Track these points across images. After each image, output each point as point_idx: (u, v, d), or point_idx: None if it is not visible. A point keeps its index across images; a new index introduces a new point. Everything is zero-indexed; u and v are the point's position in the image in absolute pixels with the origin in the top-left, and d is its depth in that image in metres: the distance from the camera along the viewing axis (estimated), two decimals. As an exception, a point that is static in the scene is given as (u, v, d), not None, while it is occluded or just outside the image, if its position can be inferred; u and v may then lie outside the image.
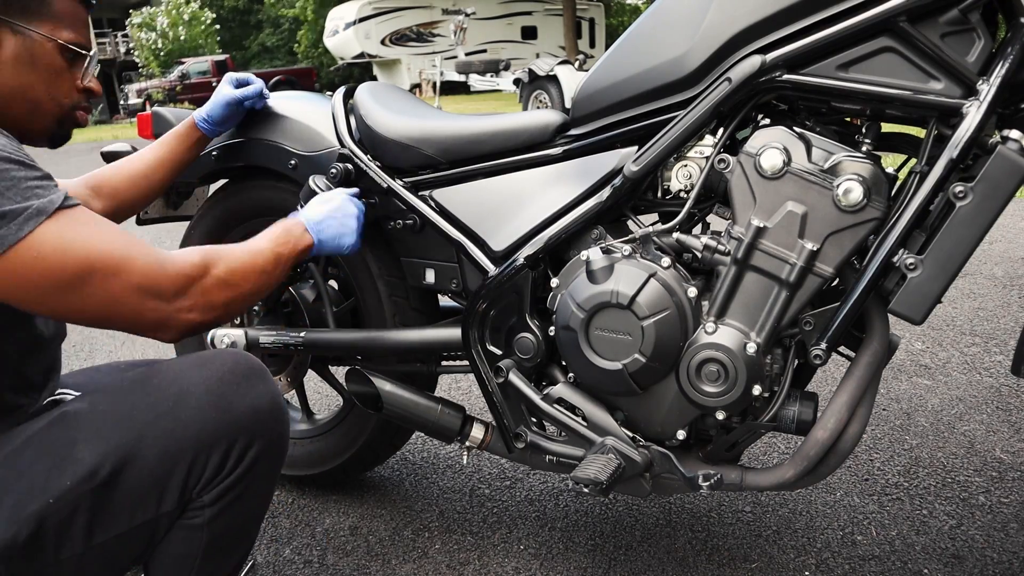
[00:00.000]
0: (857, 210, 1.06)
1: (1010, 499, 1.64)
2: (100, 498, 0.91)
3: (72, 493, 0.90)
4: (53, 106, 1.04)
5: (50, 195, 0.88)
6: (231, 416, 0.96)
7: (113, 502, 0.92)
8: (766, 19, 1.08)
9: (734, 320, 1.14)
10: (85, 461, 0.91)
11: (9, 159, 0.87)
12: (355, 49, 20.66)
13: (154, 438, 0.93)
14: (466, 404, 2.19)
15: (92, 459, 0.91)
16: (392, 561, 1.53)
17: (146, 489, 0.94)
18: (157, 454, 0.93)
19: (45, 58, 1.01)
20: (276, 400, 1.02)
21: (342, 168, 1.40)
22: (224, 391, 0.97)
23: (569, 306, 1.19)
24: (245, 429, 0.97)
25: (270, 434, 1.01)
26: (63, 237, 0.88)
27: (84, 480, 0.90)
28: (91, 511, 0.91)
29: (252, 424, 0.98)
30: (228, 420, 0.96)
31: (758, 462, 1.83)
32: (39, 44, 1.00)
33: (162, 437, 0.93)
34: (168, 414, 0.94)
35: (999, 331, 2.57)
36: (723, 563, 1.48)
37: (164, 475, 0.94)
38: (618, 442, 1.23)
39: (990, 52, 1.02)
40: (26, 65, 0.99)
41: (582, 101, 1.26)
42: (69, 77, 1.05)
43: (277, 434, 1.02)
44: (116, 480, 0.92)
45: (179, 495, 0.96)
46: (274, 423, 1.01)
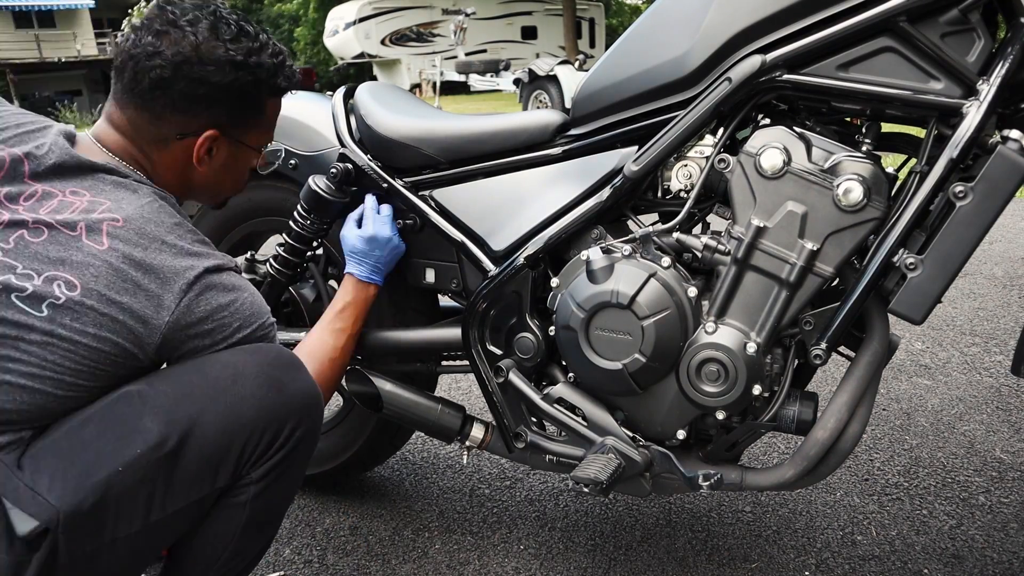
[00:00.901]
0: (857, 210, 1.06)
1: (1010, 499, 1.64)
2: (166, 469, 0.94)
3: (141, 461, 0.92)
4: (231, 192, 1.20)
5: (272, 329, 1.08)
6: (284, 398, 1.01)
7: (176, 475, 0.95)
8: (766, 19, 1.08)
9: (734, 320, 1.14)
10: (153, 431, 0.93)
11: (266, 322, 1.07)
12: (355, 49, 20.65)
13: (215, 413, 0.96)
14: (466, 404, 2.19)
15: (160, 428, 0.93)
16: (392, 561, 1.53)
17: (206, 463, 0.96)
18: (218, 429, 0.96)
19: (245, 162, 1.15)
20: (315, 388, 1.07)
21: (342, 168, 1.40)
22: (277, 374, 1.01)
23: (569, 306, 1.19)
24: (296, 411, 1.02)
25: (314, 418, 1.06)
26: None
27: (153, 448, 0.92)
28: (153, 483, 0.94)
29: (301, 407, 1.03)
30: (282, 401, 1.00)
31: (758, 462, 1.83)
32: (244, 152, 1.14)
33: (223, 412, 0.97)
34: (227, 392, 0.98)
35: (999, 331, 2.57)
36: (723, 563, 1.48)
37: (223, 449, 0.97)
38: (618, 442, 1.23)
39: (990, 52, 1.02)
40: (229, 169, 1.13)
41: (582, 101, 1.26)
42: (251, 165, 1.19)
43: (318, 417, 1.07)
44: (182, 451, 0.94)
45: (233, 470, 0.99)
46: (316, 409, 1.07)
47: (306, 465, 1.11)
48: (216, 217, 1.69)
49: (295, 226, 1.44)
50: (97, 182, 0.99)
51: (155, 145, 1.06)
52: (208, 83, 1.02)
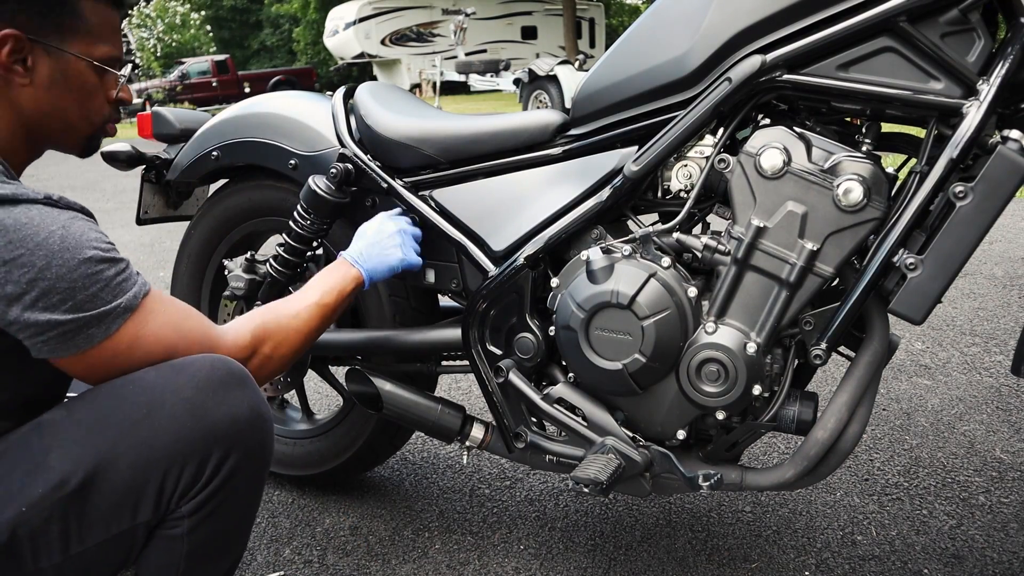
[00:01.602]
0: (857, 210, 1.06)
1: (1010, 499, 1.64)
2: (73, 507, 0.90)
3: (44, 501, 0.89)
4: (85, 125, 1.05)
5: (132, 289, 0.94)
6: (206, 425, 0.94)
7: (86, 512, 0.91)
8: (766, 19, 1.08)
9: (734, 320, 1.14)
10: (56, 469, 0.89)
11: (101, 259, 0.91)
12: (355, 49, 20.65)
13: (127, 448, 0.91)
14: (466, 404, 2.19)
15: (64, 467, 0.89)
16: (392, 561, 1.53)
17: (120, 499, 0.92)
18: (130, 464, 0.91)
19: (78, 78, 1.00)
20: (256, 408, 0.98)
21: (342, 168, 1.40)
22: (199, 399, 0.94)
23: (569, 306, 1.19)
24: (221, 439, 0.95)
25: (249, 444, 0.98)
26: (139, 333, 0.94)
27: (55, 488, 0.89)
28: (64, 520, 0.90)
29: (229, 434, 0.95)
30: (203, 429, 0.93)
31: (758, 462, 1.83)
32: (72, 64, 0.99)
33: (135, 447, 0.91)
34: (142, 423, 0.92)
35: (999, 331, 2.57)
36: (723, 563, 1.48)
37: (138, 485, 0.92)
38: (618, 442, 1.23)
39: (990, 52, 1.02)
40: (59, 86, 0.99)
41: (582, 101, 1.26)
42: (101, 91, 1.04)
43: (257, 443, 0.99)
44: (88, 490, 0.90)
45: (155, 505, 0.94)
46: (253, 432, 0.98)
47: (258, 488, 1.04)
48: (216, 217, 1.69)
49: (295, 226, 1.44)
50: None
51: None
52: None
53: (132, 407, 0.93)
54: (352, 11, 20.37)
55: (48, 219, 0.89)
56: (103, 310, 0.90)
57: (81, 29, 0.99)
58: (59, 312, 0.87)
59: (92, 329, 0.90)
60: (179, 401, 0.93)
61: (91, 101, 1.03)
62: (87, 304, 0.89)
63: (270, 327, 1.09)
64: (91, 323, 0.90)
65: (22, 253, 0.86)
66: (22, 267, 0.85)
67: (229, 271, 1.55)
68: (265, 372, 1.09)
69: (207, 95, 20.42)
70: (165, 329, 0.97)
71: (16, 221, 0.86)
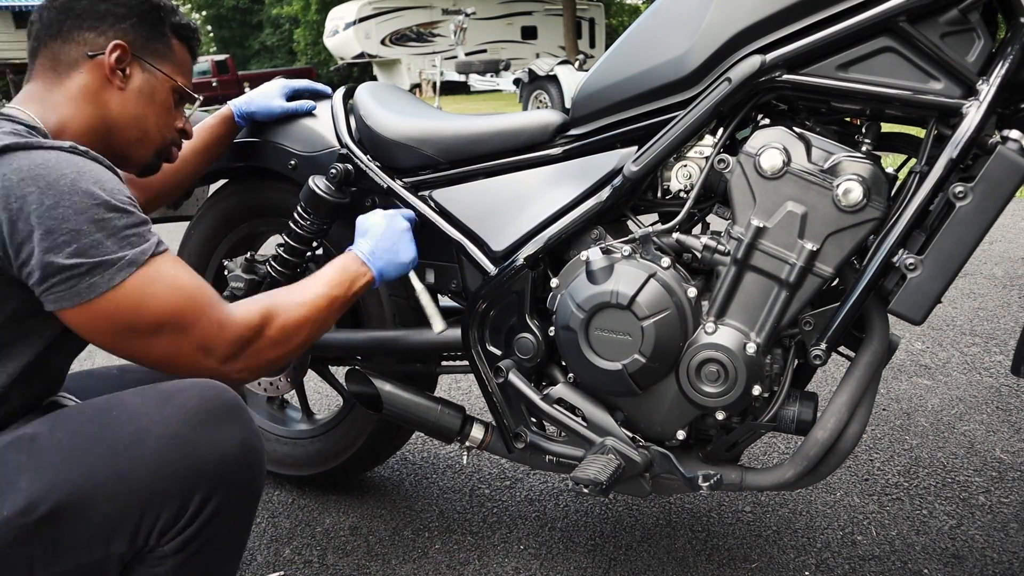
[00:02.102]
0: (857, 210, 1.06)
1: (1010, 499, 1.64)
2: (40, 534, 0.87)
3: (8, 524, 0.86)
4: (158, 137, 1.16)
5: (143, 244, 0.94)
6: (191, 463, 0.91)
7: (55, 539, 0.88)
8: (766, 19, 1.08)
9: (734, 320, 1.14)
10: (24, 493, 0.87)
11: (113, 207, 0.92)
12: (355, 49, 20.64)
13: (104, 479, 0.88)
14: (466, 404, 2.19)
15: (32, 493, 0.87)
16: (392, 561, 1.53)
17: (93, 531, 0.89)
18: (106, 497, 0.88)
19: (162, 95, 1.15)
20: (247, 443, 0.96)
21: (342, 168, 1.40)
22: (186, 433, 0.91)
23: (569, 306, 1.19)
24: (206, 478, 0.91)
25: (236, 483, 0.95)
26: (144, 292, 0.93)
27: (20, 514, 0.86)
28: (29, 545, 0.87)
29: (215, 473, 0.92)
30: (187, 467, 0.90)
31: (758, 462, 1.83)
32: (161, 82, 1.14)
33: (113, 478, 0.88)
34: (123, 454, 0.89)
35: (999, 331, 2.57)
36: (723, 563, 1.48)
37: (113, 519, 0.89)
38: (618, 442, 1.23)
39: (990, 52, 1.02)
40: (147, 98, 1.12)
41: (582, 101, 1.26)
42: (174, 116, 1.19)
43: (246, 481, 0.96)
44: (58, 518, 0.87)
45: (130, 539, 0.91)
46: (241, 470, 0.95)
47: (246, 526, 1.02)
48: (216, 217, 1.69)
49: (295, 226, 1.44)
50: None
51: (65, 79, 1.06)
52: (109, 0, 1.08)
53: (115, 435, 0.91)
54: (352, 11, 20.37)
55: (64, 162, 0.91)
56: (106, 258, 0.90)
57: (169, 58, 1.16)
58: (63, 255, 0.87)
59: (95, 278, 0.89)
60: (165, 434, 0.91)
61: (167, 118, 1.17)
62: (91, 250, 0.89)
63: (279, 310, 1.06)
64: (94, 271, 0.89)
65: (32, 191, 0.87)
66: (31, 205, 0.87)
67: (229, 271, 1.55)
68: (267, 356, 1.05)
69: (207, 95, 20.02)
70: (174, 293, 0.96)
71: (32, 162, 0.89)
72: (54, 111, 1.04)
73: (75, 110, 1.06)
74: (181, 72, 1.18)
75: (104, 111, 1.08)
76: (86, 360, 2.75)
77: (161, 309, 0.94)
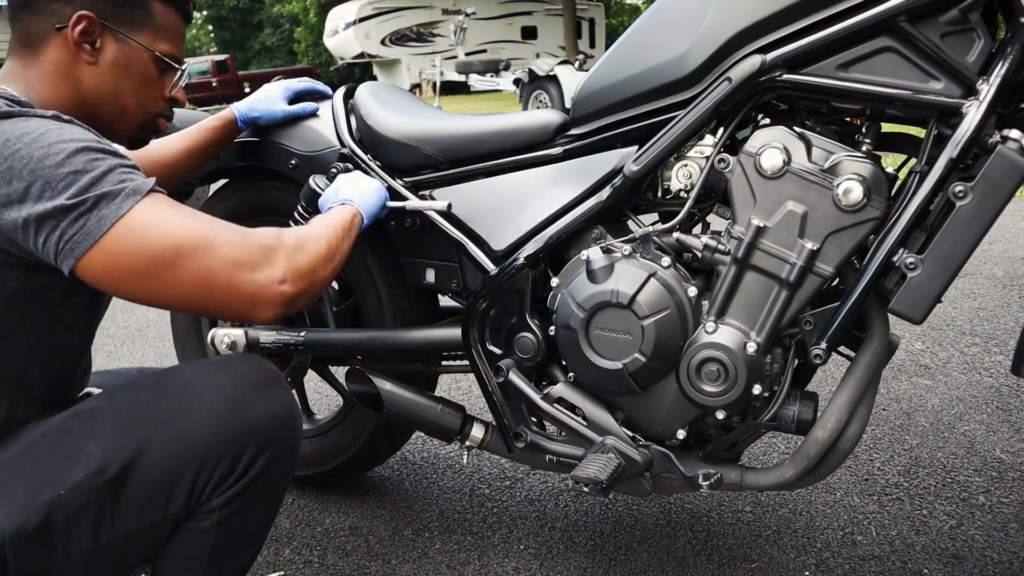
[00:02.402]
0: (857, 210, 1.06)
1: (1010, 499, 1.64)
2: (109, 495, 0.92)
3: (82, 487, 0.90)
4: (139, 112, 1.10)
5: (140, 179, 0.92)
6: (244, 422, 0.96)
7: (121, 500, 0.93)
8: (766, 19, 1.08)
9: (734, 320, 1.14)
10: (96, 456, 0.91)
11: (103, 149, 0.91)
12: (355, 49, 20.65)
13: (165, 439, 0.94)
14: (466, 404, 2.19)
15: (103, 454, 0.92)
16: (392, 561, 1.53)
17: (154, 490, 0.94)
18: (167, 455, 0.93)
19: (140, 66, 1.07)
20: (290, 408, 1.02)
21: (342, 168, 1.40)
22: (238, 396, 0.97)
23: (569, 305, 1.19)
24: (257, 436, 0.97)
25: (282, 442, 1.00)
26: (155, 215, 0.91)
27: (94, 475, 0.91)
28: (99, 507, 0.91)
29: (264, 432, 0.98)
30: (241, 426, 0.96)
31: (758, 462, 1.83)
32: (136, 52, 1.06)
33: (173, 439, 0.94)
34: (182, 416, 0.95)
35: (999, 331, 2.57)
36: (723, 563, 1.48)
37: (173, 477, 0.94)
38: (618, 441, 1.23)
39: (990, 52, 1.02)
40: (122, 71, 1.05)
41: (582, 101, 1.26)
42: (158, 86, 1.11)
43: (289, 443, 1.02)
44: (125, 478, 0.92)
45: (187, 498, 0.96)
46: (286, 432, 1.01)
47: (284, 487, 1.07)
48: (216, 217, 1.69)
49: (295, 226, 1.44)
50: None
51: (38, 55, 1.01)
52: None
53: (172, 399, 0.96)
54: (352, 11, 20.38)
55: (48, 124, 0.90)
56: (109, 190, 0.88)
57: (149, 25, 1.07)
58: (64, 197, 0.86)
59: (102, 210, 0.88)
60: (218, 396, 0.96)
61: (148, 91, 1.09)
62: (91, 187, 0.88)
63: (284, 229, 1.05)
64: (99, 203, 0.88)
65: (18, 148, 0.87)
66: (21, 160, 0.86)
67: (229, 271, 1.55)
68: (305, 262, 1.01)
69: (207, 95, 20.39)
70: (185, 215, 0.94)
71: (15, 127, 0.89)
72: (31, 89, 1.01)
73: (50, 88, 1.02)
74: (164, 37, 1.09)
75: (78, 87, 1.03)
76: (86, 360, 2.75)
77: (175, 229, 0.92)
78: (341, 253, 1.11)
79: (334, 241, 1.10)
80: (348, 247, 1.15)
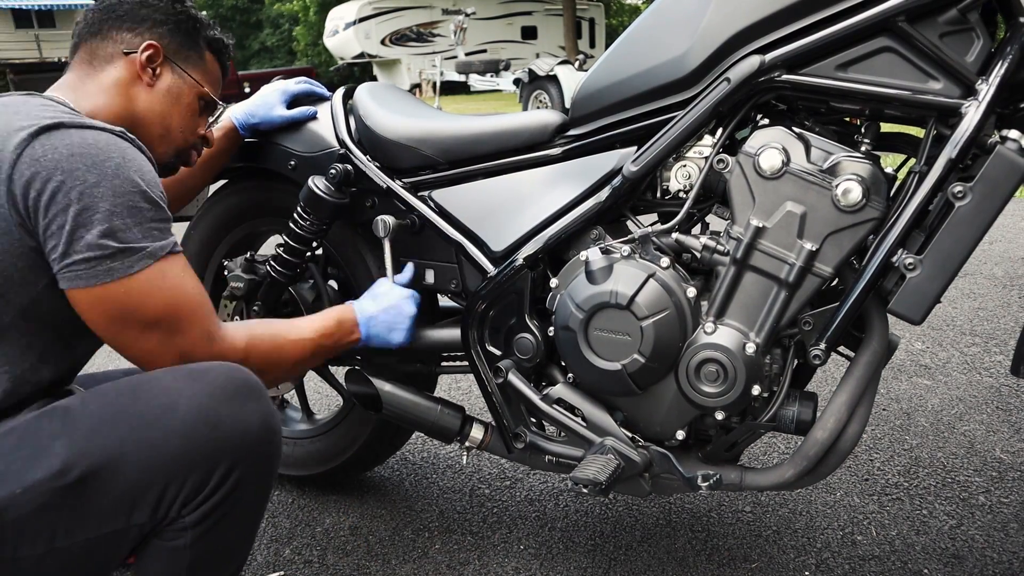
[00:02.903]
0: (856, 210, 1.06)
1: (1010, 499, 1.64)
2: (68, 499, 0.89)
3: (40, 487, 0.88)
4: (179, 138, 1.21)
5: (164, 240, 0.99)
6: (217, 435, 0.94)
7: (81, 506, 0.90)
8: (765, 19, 1.08)
9: (733, 320, 1.14)
10: (59, 457, 0.90)
11: (149, 198, 0.97)
12: (355, 49, 20.64)
13: (134, 448, 0.92)
14: (466, 404, 2.19)
15: (66, 457, 0.90)
16: (392, 561, 1.53)
17: (118, 499, 0.92)
18: (134, 465, 0.91)
19: (188, 98, 1.20)
20: (267, 421, 0.99)
21: (342, 169, 1.40)
22: (212, 409, 0.94)
23: (568, 306, 1.19)
24: (229, 451, 0.95)
25: (256, 457, 0.98)
26: (153, 285, 0.97)
27: (52, 477, 0.89)
28: (56, 510, 0.89)
29: (238, 446, 0.96)
30: (213, 439, 0.94)
31: (758, 462, 1.83)
32: (188, 86, 1.20)
33: (142, 448, 0.92)
34: (153, 426, 0.93)
35: (999, 331, 2.57)
36: (723, 563, 1.48)
37: (139, 488, 0.92)
38: (617, 442, 1.23)
39: (989, 52, 1.02)
40: (173, 98, 1.18)
41: (581, 101, 1.26)
42: (198, 122, 1.24)
43: (264, 457, 1.00)
44: (86, 484, 0.90)
45: (153, 510, 0.94)
46: (262, 446, 0.98)
47: (262, 501, 1.05)
48: (216, 217, 1.69)
49: (294, 226, 1.44)
50: None
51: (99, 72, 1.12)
52: (149, 4, 1.16)
53: (146, 407, 0.94)
54: (352, 11, 20.37)
55: (112, 145, 0.96)
56: (131, 245, 0.94)
57: (200, 67, 1.22)
58: (93, 233, 0.92)
59: (116, 263, 0.93)
60: (193, 407, 0.94)
61: (190, 122, 1.22)
62: (120, 234, 0.93)
63: (265, 340, 1.13)
64: (116, 255, 0.93)
65: (78, 167, 0.92)
66: (76, 180, 0.91)
67: (229, 271, 1.55)
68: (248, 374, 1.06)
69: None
70: (179, 295, 1.00)
71: (83, 140, 0.94)
72: (86, 99, 1.09)
73: (105, 100, 1.11)
74: (209, 82, 1.24)
75: (132, 104, 1.13)
76: (86, 360, 2.75)
77: (164, 306, 0.98)
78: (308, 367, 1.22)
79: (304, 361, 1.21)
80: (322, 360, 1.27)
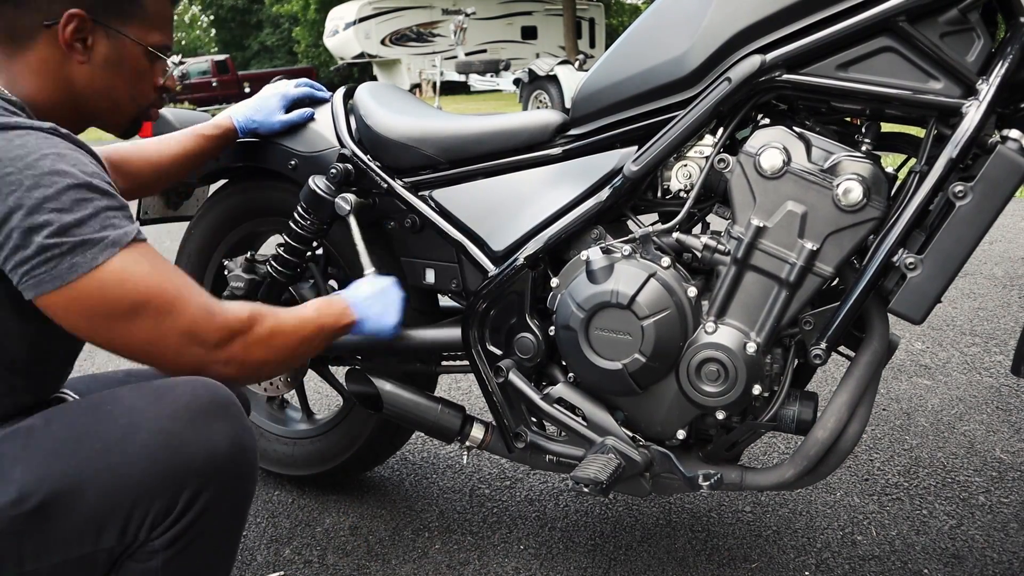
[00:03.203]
0: (857, 210, 1.06)
1: (1010, 499, 1.64)
2: (29, 526, 0.87)
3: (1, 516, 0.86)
4: (132, 106, 1.08)
5: (124, 227, 0.90)
6: (180, 460, 0.90)
7: (44, 532, 0.88)
8: (766, 19, 1.08)
9: (734, 320, 1.14)
10: (16, 484, 0.87)
11: (94, 187, 0.89)
12: (355, 49, 20.65)
13: (94, 473, 0.88)
14: (466, 404, 2.19)
15: (25, 484, 0.87)
16: (392, 561, 1.53)
17: (82, 525, 0.89)
18: (96, 490, 0.88)
19: (132, 61, 1.04)
20: (237, 440, 0.94)
21: (342, 168, 1.40)
22: (177, 430, 0.90)
23: (569, 306, 1.19)
24: (195, 474, 0.90)
25: (225, 479, 0.93)
26: (126, 272, 0.89)
27: (12, 505, 0.86)
28: (19, 536, 0.87)
29: (203, 469, 0.91)
30: (177, 464, 0.89)
31: (758, 462, 1.83)
32: (128, 47, 1.03)
33: (103, 473, 0.88)
34: (114, 449, 0.89)
35: (999, 331, 2.57)
36: (723, 563, 1.48)
37: (103, 512, 0.89)
38: (618, 442, 1.23)
39: (989, 52, 1.02)
40: (114, 67, 1.02)
41: (582, 101, 1.26)
42: (150, 76, 1.08)
43: (235, 478, 0.95)
44: (48, 510, 0.87)
45: (120, 534, 0.90)
46: (231, 467, 0.94)
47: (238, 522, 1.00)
48: (216, 217, 1.69)
49: (295, 226, 1.44)
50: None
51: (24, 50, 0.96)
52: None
53: (108, 429, 0.90)
54: (352, 11, 20.38)
55: (45, 144, 0.88)
56: (88, 238, 0.86)
57: (139, 16, 1.03)
58: (43, 235, 0.84)
59: (76, 258, 0.86)
60: (156, 430, 0.90)
61: (140, 84, 1.06)
62: (72, 230, 0.85)
63: (267, 311, 1.04)
64: (75, 250, 0.86)
65: (10, 172, 0.85)
66: (10, 185, 0.84)
67: (229, 271, 1.55)
68: (256, 355, 1.01)
69: (207, 95, 20.40)
70: (158, 275, 0.92)
71: (10, 143, 0.86)
72: (17, 83, 0.97)
73: (38, 85, 0.98)
74: (154, 27, 1.05)
75: (69, 86, 1.00)
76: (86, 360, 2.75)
77: (145, 288, 0.90)
78: (306, 355, 1.12)
79: (305, 345, 1.09)
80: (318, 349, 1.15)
